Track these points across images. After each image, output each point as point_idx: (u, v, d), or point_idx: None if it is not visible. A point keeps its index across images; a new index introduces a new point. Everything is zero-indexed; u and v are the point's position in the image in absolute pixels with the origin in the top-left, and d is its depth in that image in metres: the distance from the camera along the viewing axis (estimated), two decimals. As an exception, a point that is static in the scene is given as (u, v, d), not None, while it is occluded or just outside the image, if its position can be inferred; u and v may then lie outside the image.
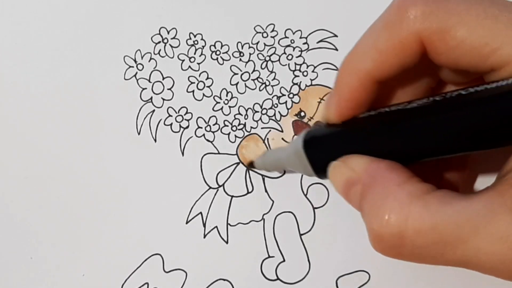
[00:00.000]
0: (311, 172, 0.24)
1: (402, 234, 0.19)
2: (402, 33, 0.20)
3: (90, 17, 0.35)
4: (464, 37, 0.19)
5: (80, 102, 0.34)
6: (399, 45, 0.21)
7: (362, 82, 0.22)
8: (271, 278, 0.32)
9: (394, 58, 0.21)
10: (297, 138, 0.25)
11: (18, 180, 0.33)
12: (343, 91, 0.22)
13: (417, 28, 0.20)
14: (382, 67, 0.21)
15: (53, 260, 0.32)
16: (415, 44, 0.20)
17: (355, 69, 0.22)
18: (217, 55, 0.34)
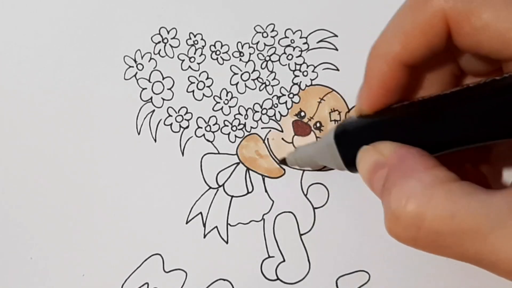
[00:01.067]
0: (342, 165, 0.24)
1: (420, 217, 0.18)
2: (427, 13, 0.20)
3: (90, 17, 0.35)
4: (489, 20, 0.19)
5: (80, 102, 0.34)
6: (424, 26, 0.20)
7: (391, 66, 0.22)
8: (271, 278, 0.32)
9: (420, 39, 0.21)
10: (328, 133, 0.25)
11: (18, 180, 0.33)
12: (373, 80, 0.22)
13: (442, 7, 0.20)
14: (409, 50, 0.21)
15: (53, 260, 0.32)
16: (440, 24, 0.20)
17: (383, 54, 0.22)
18: (217, 55, 0.34)
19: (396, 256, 0.32)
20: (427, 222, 0.18)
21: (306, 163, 0.30)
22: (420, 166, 0.19)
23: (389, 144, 0.21)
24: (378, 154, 0.21)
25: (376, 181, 0.21)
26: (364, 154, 0.22)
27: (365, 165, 0.22)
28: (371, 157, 0.21)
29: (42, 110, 0.34)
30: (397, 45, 0.21)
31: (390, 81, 0.22)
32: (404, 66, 0.22)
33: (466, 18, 0.19)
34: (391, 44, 0.21)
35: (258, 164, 0.33)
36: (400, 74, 0.22)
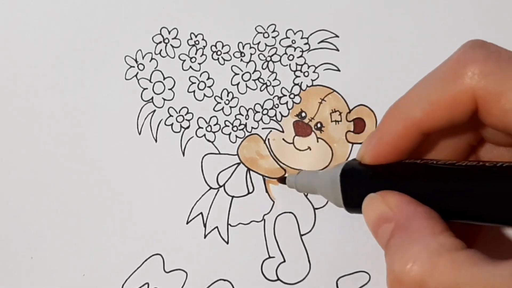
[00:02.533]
0: (340, 203, 0.24)
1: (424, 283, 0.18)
2: (457, 88, 0.20)
3: (91, 17, 0.35)
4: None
5: (81, 102, 0.34)
6: (452, 100, 0.20)
7: (408, 130, 0.21)
8: (271, 279, 0.32)
9: (444, 112, 0.21)
10: (335, 168, 0.24)
11: (18, 180, 0.33)
12: (385, 135, 0.22)
13: (473, 85, 0.20)
14: (431, 119, 0.21)
15: (53, 260, 0.32)
16: (468, 101, 0.20)
17: (403, 116, 0.22)
18: (218, 55, 0.34)
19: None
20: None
21: (305, 189, 0.29)
22: (426, 230, 0.19)
23: (397, 196, 0.21)
24: (385, 205, 0.21)
25: (381, 233, 0.21)
26: (371, 202, 0.22)
27: (371, 214, 0.22)
28: (378, 207, 0.21)
29: (43, 110, 0.34)
30: (419, 112, 0.21)
31: (402, 143, 0.22)
32: (421, 133, 0.22)
33: (496, 100, 0.19)
34: (413, 109, 0.21)
35: (258, 165, 0.33)
36: (415, 139, 0.22)
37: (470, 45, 0.21)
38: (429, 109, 0.21)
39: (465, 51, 0.21)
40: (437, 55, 0.34)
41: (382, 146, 0.22)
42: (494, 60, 0.20)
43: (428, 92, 0.21)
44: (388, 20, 0.35)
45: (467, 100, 0.20)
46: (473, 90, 0.20)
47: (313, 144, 0.33)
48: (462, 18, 0.34)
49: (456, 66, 0.20)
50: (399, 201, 0.21)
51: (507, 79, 0.19)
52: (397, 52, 0.34)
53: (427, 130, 0.21)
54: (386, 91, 0.34)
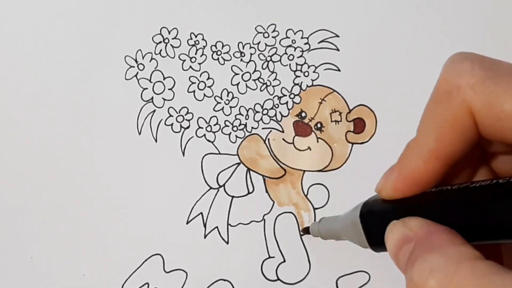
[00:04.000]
0: (365, 244, 0.24)
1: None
2: (452, 106, 0.20)
3: (91, 17, 0.35)
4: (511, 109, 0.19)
5: (81, 102, 0.34)
6: (452, 119, 0.20)
7: (427, 163, 0.21)
8: (271, 279, 0.32)
9: (452, 134, 0.21)
10: (353, 210, 0.25)
11: (18, 180, 0.33)
12: (405, 170, 0.22)
13: (465, 98, 0.20)
14: (444, 145, 0.21)
15: (54, 260, 0.32)
16: (467, 116, 0.20)
17: (420, 149, 0.22)
18: (218, 55, 0.34)
19: (396, 256, 0.32)
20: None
21: (330, 236, 0.29)
22: (446, 241, 0.19)
23: (418, 220, 0.21)
24: (406, 228, 0.21)
25: (402, 255, 0.21)
26: (393, 228, 0.22)
27: (393, 238, 0.22)
28: (399, 231, 0.21)
29: (43, 110, 0.34)
30: (432, 141, 0.21)
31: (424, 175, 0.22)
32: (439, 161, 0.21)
33: (488, 108, 0.19)
34: (427, 140, 0.21)
35: (258, 165, 0.33)
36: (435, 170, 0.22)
37: (452, 60, 0.21)
38: (439, 136, 0.21)
39: (449, 68, 0.21)
40: (437, 55, 0.34)
41: (402, 181, 0.22)
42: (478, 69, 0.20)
43: (432, 119, 0.21)
44: (388, 20, 0.35)
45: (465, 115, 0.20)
46: (467, 103, 0.20)
47: (313, 144, 0.33)
48: (462, 18, 0.34)
49: (444, 85, 0.21)
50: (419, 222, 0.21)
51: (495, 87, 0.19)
52: (397, 52, 0.34)
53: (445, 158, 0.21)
54: (386, 91, 0.34)
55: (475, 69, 0.20)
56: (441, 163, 0.21)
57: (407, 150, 0.22)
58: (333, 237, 0.29)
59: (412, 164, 0.22)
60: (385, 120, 0.33)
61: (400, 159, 0.23)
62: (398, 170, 0.22)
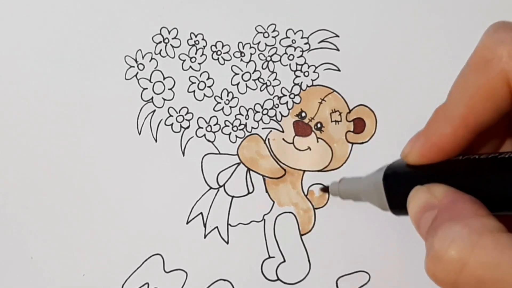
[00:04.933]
0: (386, 206, 0.24)
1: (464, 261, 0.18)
2: (489, 75, 0.20)
3: (91, 17, 0.35)
4: None
5: (81, 102, 0.34)
6: (488, 88, 0.20)
7: (456, 130, 0.21)
8: (271, 279, 0.32)
9: (485, 102, 0.20)
10: (377, 172, 0.24)
11: (18, 180, 0.33)
12: (432, 136, 0.22)
13: (503, 68, 0.19)
14: (475, 113, 0.21)
15: (54, 260, 0.32)
16: (504, 86, 0.20)
17: (449, 115, 0.21)
18: (218, 55, 0.34)
19: (396, 256, 0.32)
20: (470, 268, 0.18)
21: (349, 196, 0.29)
22: (470, 212, 0.19)
23: (443, 187, 0.21)
24: (430, 194, 0.21)
25: (424, 221, 0.21)
26: (416, 193, 0.21)
27: (416, 204, 0.21)
28: (423, 197, 0.21)
29: (43, 110, 0.34)
30: (462, 108, 0.21)
31: (450, 143, 0.21)
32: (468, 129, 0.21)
33: None
34: (457, 107, 0.21)
35: (258, 165, 0.33)
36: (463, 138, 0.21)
37: (493, 29, 0.20)
38: (471, 103, 0.20)
39: (489, 36, 0.20)
40: (437, 55, 0.34)
41: (429, 147, 0.22)
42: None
43: (466, 86, 0.21)
44: (388, 20, 0.35)
45: (502, 85, 0.20)
46: (505, 73, 0.19)
47: (313, 144, 0.33)
48: (462, 18, 0.34)
49: (483, 53, 0.20)
50: (444, 190, 0.20)
51: None
52: (397, 52, 0.34)
53: (475, 126, 0.21)
54: (386, 91, 0.34)
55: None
56: (470, 130, 0.21)
57: (435, 116, 0.22)
58: (352, 198, 0.28)
59: (439, 130, 0.21)
60: (385, 120, 0.33)
61: (428, 124, 0.22)
62: (425, 135, 0.22)
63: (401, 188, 0.23)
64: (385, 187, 0.23)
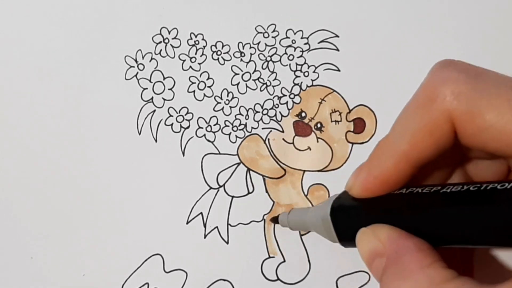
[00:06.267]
0: (335, 239, 0.24)
1: None
2: (433, 113, 0.20)
3: (91, 17, 0.35)
4: (494, 121, 0.19)
5: (81, 102, 0.34)
6: (431, 126, 0.20)
7: (397, 164, 0.21)
8: (271, 279, 0.32)
9: (428, 140, 0.21)
10: (324, 204, 0.25)
11: (18, 180, 0.33)
12: (374, 169, 0.22)
13: (447, 107, 0.20)
14: (417, 149, 0.21)
15: (53, 260, 0.32)
16: (446, 125, 0.20)
17: (391, 149, 0.22)
18: (218, 55, 0.34)
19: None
20: None
21: (298, 227, 0.29)
22: (416, 264, 0.20)
23: (387, 230, 0.21)
24: (376, 240, 0.21)
25: (375, 268, 0.21)
26: (363, 237, 0.22)
27: (364, 249, 0.22)
28: (370, 242, 0.21)
29: (43, 110, 0.34)
30: (405, 144, 0.21)
31: (393, 177, 0.22)
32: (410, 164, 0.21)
33: (471, 119, 0.19)
34: (400, 142, 0.21)
35: (258, 165, 0.33)
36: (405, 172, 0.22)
37: (438, 67, 0.21)
38: (413, 139, 0.21)
39: (434, 74, 0.21)
40: (437, 55, 0.34)
41: (371, 180, 0.22)
42: (463, 79, 0.20)
43: (409, 123, 0.21)
44: (388, 20, 0.35)
45: (445, 123, 0.20)
46: (448, 112, 0.20)
47: (313, 144, 0.33)
48: (462, 18, 0.34)
49: (428, 91, 0.21)
50: (389, 235, 0.21)
51: (478, 98, 0.19)
52: (397, 52, 0.34)
53: (416, 161, 0.21)
54: (386, 91, 0.34)
55: (460, 79, 0.20)
56: (412, 165, 0.21)
57: (377, 149, 0.22)
58: (301, 229, 0.29)
59: (382, 164, 0.22)
60: (385, 120, 0.33)
61: (370, 158, 0.23)
62: (367, 169, 0.22)
63: (349, 223, 0.23)
64: (332, 222, 0.23)
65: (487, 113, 0.19)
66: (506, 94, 0.19)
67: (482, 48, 0.34)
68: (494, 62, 0.34)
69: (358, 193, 0.23)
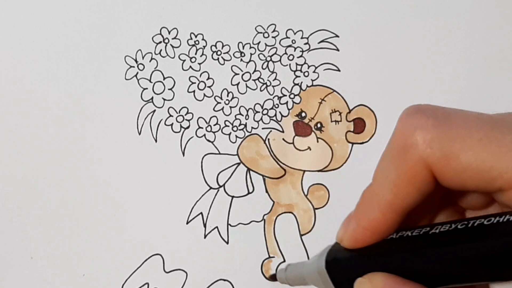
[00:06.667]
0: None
1: None
2: (408, 162, 0.20)
3: (91, 17, 0.35)
4: (470, 162, 0.19)
5: (81, 102, 0.34)
6: (409, 175, 0.20)
7: (384, 214, 0.22)
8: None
9: (409, 187, 0.21)
10: (318, 258, 0.25)
11: (18, 180, 0.33)
12: (362, 220, 0.22)
13: (421, 155, 0.20)
14: (401, 197, 0.21)
15: (53, 260, 0.32)
16: (423, 171, 0.20)
17: (376, 199, 0.22)
18: (218, 55, 0.34)
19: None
20: None
21: (297, 282, 0.30)
22: None
23: (383, 278, 0.21)
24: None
25: None
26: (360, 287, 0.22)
27: None
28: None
29: (43, 110, 0.34)
30: (388, 194, 0.21)
31: (382, 225, 0.22)
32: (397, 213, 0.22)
33: (446, 163, 0.20)
34: (383, 192, 0.21)
35: (258, 165, 0.33)
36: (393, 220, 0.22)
37: (406, 115, 0.21)
38: (395, 189, 0.21)
39: (403, 123, 0.21)
40: (437, 54, 0.34)
41: (361, 231, 0.22)
42: (432, 124, 0.20)
43: (388, 172, 0.21)
44: (388, 20, 0.35)
45: (422, 170, 0.20)
46: (423, 159, 0.20)
47: (313, 144, 0.33)
48: (462, 18, 0.34)
49: (400, 141, 0.21)
50: (384, 284, 0.21)
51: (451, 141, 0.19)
52: (397, 52, 0.34)
53: (402, 209, 0.21)
54: (386, 91, 0.34)
55: (430, 124, 0.20)
56: (398, 213, 0.22)
57: (363, 199, 0.22)
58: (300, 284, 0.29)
59: (369, 214, 0.22)
60: (385, 120, 0.33)
61: (357, 209, 0.23)
62: (355, 220, 0.22)
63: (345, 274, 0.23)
64: (329, 274, 0.24)
65: (461, 155, 0.19)
66: (477, 134, 0.19)
67: (483, 47, 0.34)
68: (494, 62, 0.34)
69: (350, 244, 0.23)
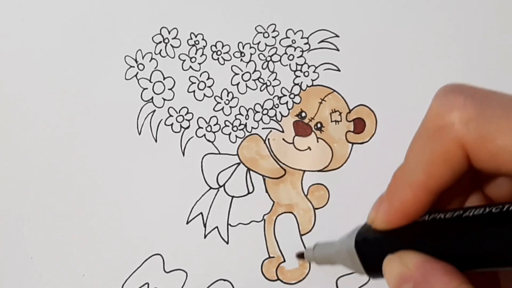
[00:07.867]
0: (362, 271, 0.24)
1: None
2: (444, 142, 0.20)
3: (91, 17, 0.35)
4: (505, 145, 0.19)
5: (81, 102, 0.34)
6: (444, 155, 0.20)
7: (417, 194, 0.21)
8: (271, 279, 0.32)
9: (443, 167, 0.21)
10: (348, 238, 0.25)
11: (18, 180, 0.33)
12: (395, 201, 0.22)
13: (457, 135, 0.20)
14: (434, 178, 0.21)
15: (53, 260, 0.32)
16: (459, 152, 0.20)
17: (408, 180, 0.22)
18: (218, 55, 0.34)
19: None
20: None
21: (325, 261, 0.30)
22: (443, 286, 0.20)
23: (413, 255, 0.21)
24: (403, 265, 0.21)
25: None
26: (390, 264, 0.22)
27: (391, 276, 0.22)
28: (396, 268, 0.22)
29: (43, 110, 0.34)
30: (421, 174, 0.21)
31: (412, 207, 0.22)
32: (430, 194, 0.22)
33: (482, 144, 0.19)
34: (415, 173, 0.21)
35: (258, 165, 0.33)
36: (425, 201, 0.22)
37: (443, 93, 0.21)
38: (428, 169, 0.21)
39: (440, 101, 0.21)
40: (437, 54, 0.34)
41: (393, 212, 0.22)
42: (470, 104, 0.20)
43: (422, 152, 0.21)
44: (388, 20, 0.35)
45: (457, 150, 0.20)
46: (459, 139, 0.20)
47: (313, 144, 0.33)
48: (462, 18, 0.34)
49: (435, 120, 0.21)
50: (415, 260, 0.21)
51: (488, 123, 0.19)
52: (397, 52, 0.34)
53: (435, 190, 0.21)
54: (386, 91, 0.34)
55: (467, 104, 0.20)
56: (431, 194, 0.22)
57: (394, 180, 0.22)
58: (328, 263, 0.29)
59: (401, 195, 0.22)
60: (385, 120, 0.33)
61: (389, 189, 0.23)
62: (387, 201, 0.22)
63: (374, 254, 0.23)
64: (358, 254, 0.24)
65: (497, 137, 0.19)
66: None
67: (483, 47, 0.34)
68: (494, 62, 0.34)
69: (381, 226, 0.23)
